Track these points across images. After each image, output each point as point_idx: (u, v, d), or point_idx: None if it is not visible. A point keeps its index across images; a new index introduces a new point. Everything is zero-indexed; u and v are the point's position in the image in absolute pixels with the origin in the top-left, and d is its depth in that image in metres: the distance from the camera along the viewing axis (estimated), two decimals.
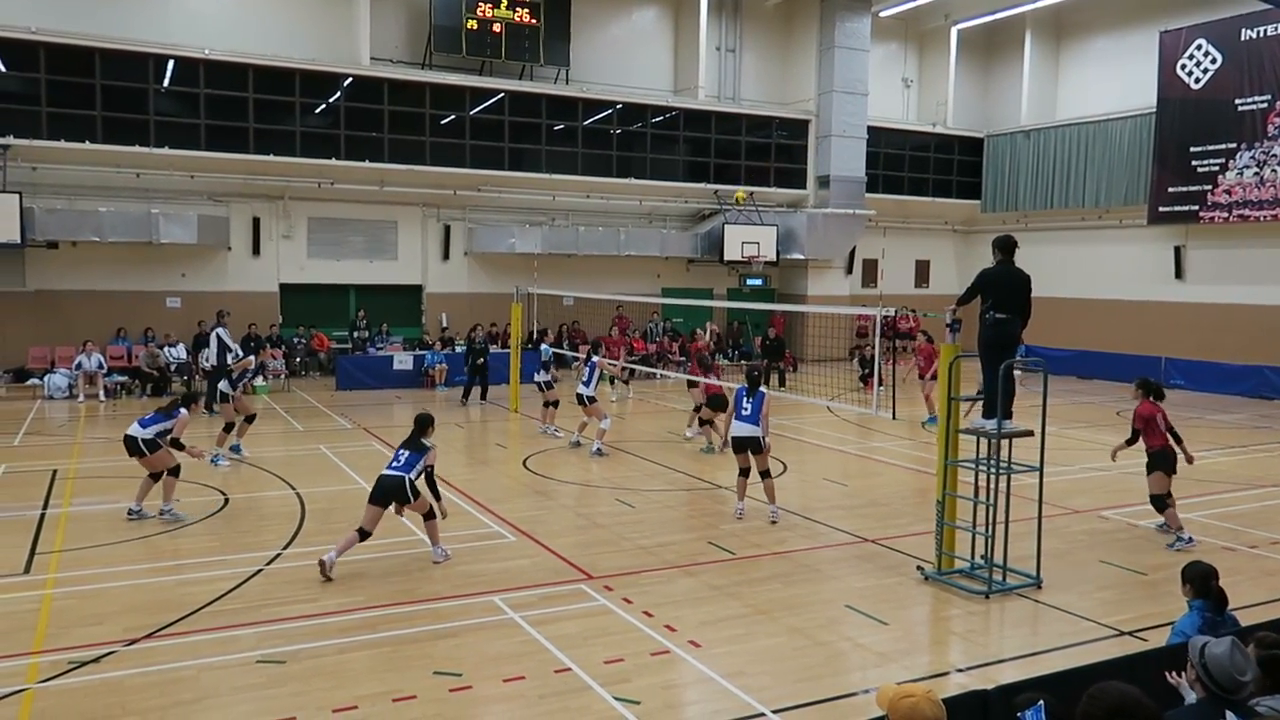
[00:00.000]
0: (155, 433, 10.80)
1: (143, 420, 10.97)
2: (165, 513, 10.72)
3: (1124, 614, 8.20)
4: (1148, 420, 10.54)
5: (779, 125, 29.09)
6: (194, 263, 23.35)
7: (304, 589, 8.50)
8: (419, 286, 26.14)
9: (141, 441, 10.69)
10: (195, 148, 21.85)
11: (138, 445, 10.69)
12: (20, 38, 20.13)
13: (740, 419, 11.01)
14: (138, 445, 10.69)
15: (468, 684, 6.62)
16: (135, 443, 10.70)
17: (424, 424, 9.54)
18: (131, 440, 10.73)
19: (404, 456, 9.25)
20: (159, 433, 10.82)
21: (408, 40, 25.02)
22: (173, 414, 10.99)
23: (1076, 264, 28.80)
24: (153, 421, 10.88)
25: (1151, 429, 10.51)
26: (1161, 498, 10.51)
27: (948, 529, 9.07)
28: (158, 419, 10.93)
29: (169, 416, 10.95)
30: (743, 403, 11.03)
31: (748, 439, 10.93)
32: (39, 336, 21.70)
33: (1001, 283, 8.82)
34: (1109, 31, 29.62)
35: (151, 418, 10.99)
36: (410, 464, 9.19)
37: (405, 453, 9.29)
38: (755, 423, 10.89)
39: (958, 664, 7.25)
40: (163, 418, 10.94)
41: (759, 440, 10.92)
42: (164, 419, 10.92)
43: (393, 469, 9.18)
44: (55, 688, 6.49)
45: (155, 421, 10.89)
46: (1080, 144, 28.79)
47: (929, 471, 12.90)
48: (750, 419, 10.92)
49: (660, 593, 8.54)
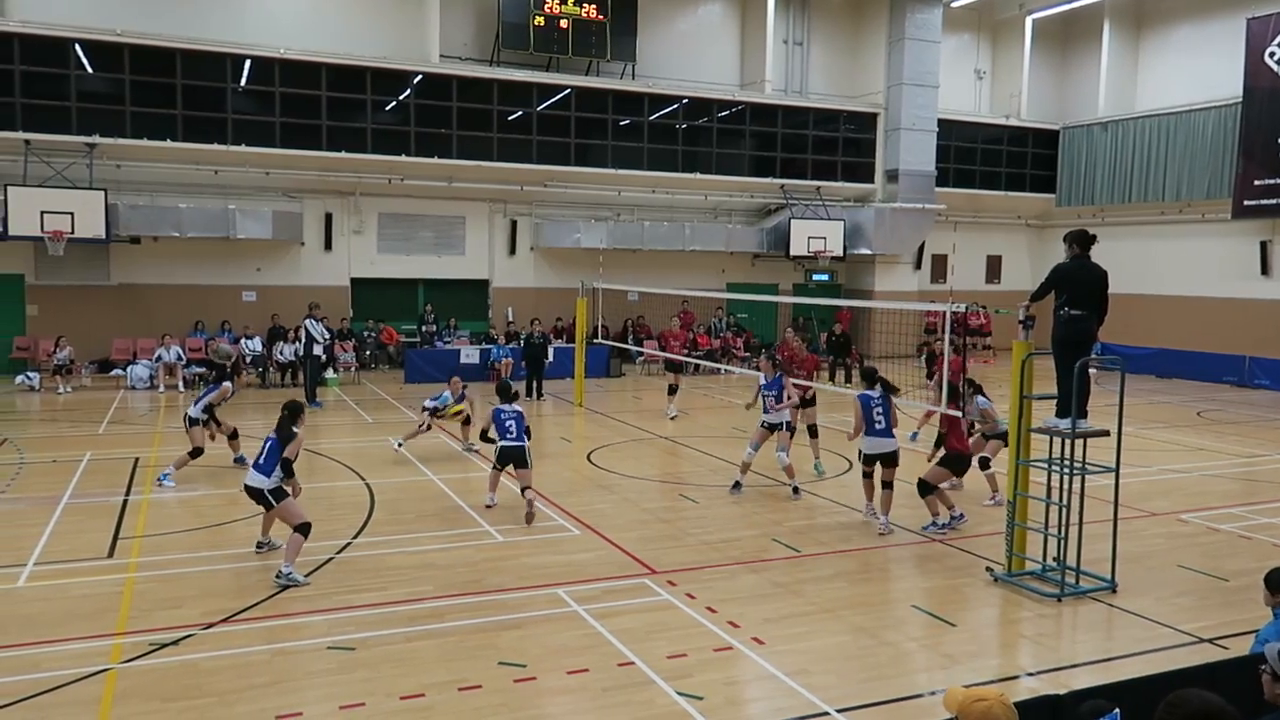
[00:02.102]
0: (202, 407, 12.14)
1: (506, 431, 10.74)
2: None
3: (1203, 620, 7.94)
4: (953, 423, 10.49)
5: (847, 118, 28.75)
6: (268, 257, 23.94)
7: (373, 577, 8.66)
8: (486, 281, 26.44)
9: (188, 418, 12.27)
10: (270, 145, 22.39)
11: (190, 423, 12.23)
12: (106, 39, 20.85)
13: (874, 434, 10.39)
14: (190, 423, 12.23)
15: (532, 675, 6.68)
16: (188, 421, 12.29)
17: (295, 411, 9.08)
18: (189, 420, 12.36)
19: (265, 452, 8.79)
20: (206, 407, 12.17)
21: (476, 37, 25.29)
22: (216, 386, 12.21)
23: (1156, 259, 27.95)
24: (204, 396, 12.57)
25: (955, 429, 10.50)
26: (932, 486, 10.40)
27: (1019, 530, 8.88)
28: (208, 391, 12.33)
29: (215, 388, 12.23)
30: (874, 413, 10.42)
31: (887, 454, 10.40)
32: (122, 328, 22.50)
33: (1077, 278, 8.59)
34: (1192, 19, 28.65)
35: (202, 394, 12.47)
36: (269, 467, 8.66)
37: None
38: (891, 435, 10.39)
39: (1028, 668, 7.09)
40: (213, 388, 12.19)
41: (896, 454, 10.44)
42: (212, 390, 12.30)
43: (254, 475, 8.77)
44: (137, 668, 6.72)
45: (205, 396, 12.39)
46: (1161, 135, 27.93)
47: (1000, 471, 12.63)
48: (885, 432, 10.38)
49: (723, 589, 8.52)
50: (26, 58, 20.35)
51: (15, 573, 8.64)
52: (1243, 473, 14.19)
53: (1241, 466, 14.63)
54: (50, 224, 19.89)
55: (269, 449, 8.80)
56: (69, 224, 20.04)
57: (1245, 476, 13.96)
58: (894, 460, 10.42)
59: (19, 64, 20.25)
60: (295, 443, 8.81)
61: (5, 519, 10.45)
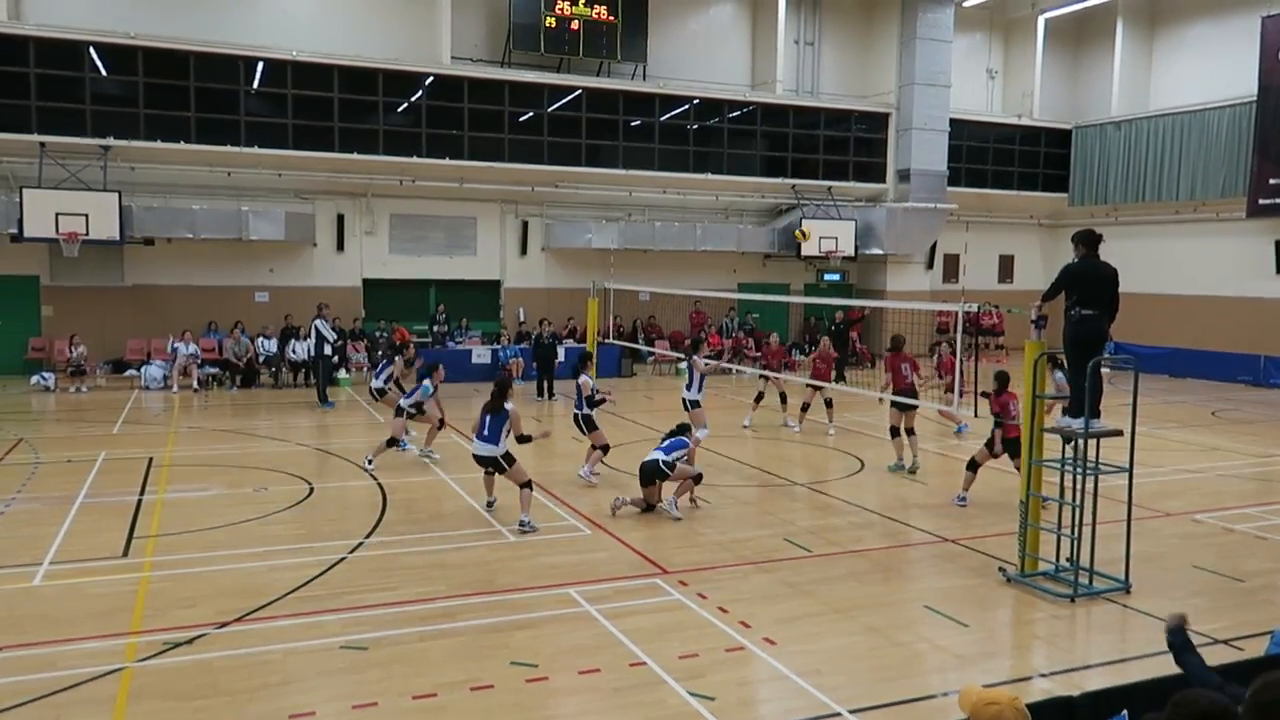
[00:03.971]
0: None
1: (485, 438, 10.46)
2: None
3: (1218, 621, 7.89)
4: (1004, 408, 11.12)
5: (858, 118, 28.68)
6: (281, 258, 24.04)
7: (386, 577, 8.69)
8: (497, 281, 26.49)
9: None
10: (283, 147, 22.48)
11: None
12: (120, 42, 20.97)
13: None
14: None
15: (544, 675, 6.69)
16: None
17: (504, 386, 10.44)
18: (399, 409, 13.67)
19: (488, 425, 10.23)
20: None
21: (487, 39, 25.35)
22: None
23: (1170, 258, 27.80)
24: (411, 395, 13.64)
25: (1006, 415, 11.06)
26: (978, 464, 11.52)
27: (1032, 530, 8.84)
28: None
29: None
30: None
31: None
32: (136, 329, 22.64)
33: (1087, 277, 8.56)
34: (1206, 18, 28.49)
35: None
36: (494, 437, 10.17)
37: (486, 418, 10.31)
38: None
39: (1041, 669, 7.06)
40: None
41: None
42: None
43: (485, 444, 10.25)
44: (151, 667, 6.76)
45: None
46: (1175, 135, 27.78)
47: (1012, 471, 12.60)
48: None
49: (735, 589, 8.51)
50: (41, 61, 20.48)
51: (31, 572, 8.70)
52: (1258, 472, 14.10)
53: (1257, 466, 14.54)
54: (65, 226, 20.01)
55: (489, 422, 10.19)
56: (84, 226, 20.16)
57: (1261, 476, 13.87)
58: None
59: (34, 67, 20.38)
60: (514, 418, 10.21)
61: (21, 519, 10.52)
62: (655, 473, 10.85)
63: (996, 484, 12.90)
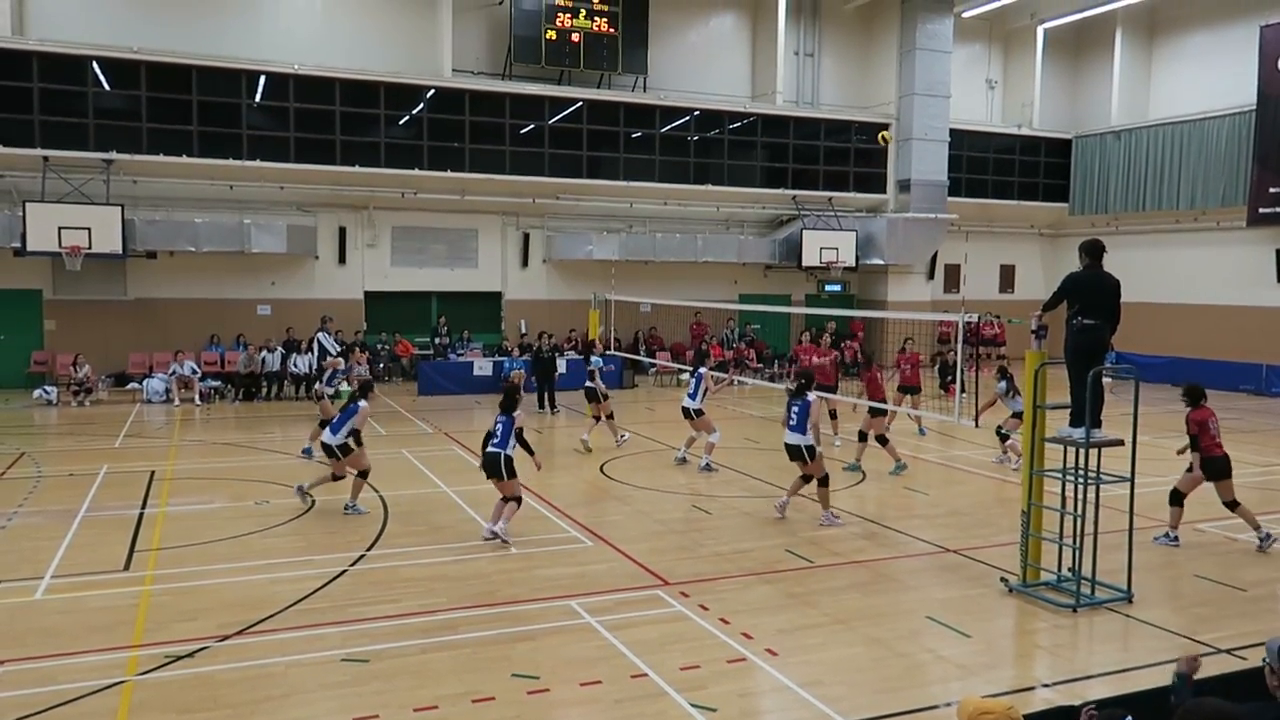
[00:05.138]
0: (346, 434, 11.23)
1: (332, 426, 11.35)
2: (349, 508, 11.32)
3: (1221, 631, 7.88)
4: (1201, 425, 10.34)
5: (858, 129, 28.75)
6: (283, 271, 24.09)
7: (387, 590, 8.69)
8: (499, 293, 26.53)
9: (336, 448, 11.24)
10: (285, 160, 22.56)
11: (333, 451, 11.30)
12: (123, 57, 21.08)
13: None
14: (333, 451, 11.30)
15: (545, 687, 6.69)
16: (331, 449, 11.32)
17: (511, 394, 10.52)
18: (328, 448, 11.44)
19: (499, 430, 10.21)
20: (349, 433, 11.23)
21: (488, 52, 25.46)
22: (350, 410, 11.35)
23: (1170, 268, 27.83)
24: (340, 424, 11.35)
25: (1204, 434, 10.34)
26: (1234, 501, 10.33)
27: (1033, 540, 8.84)
28: (343, 420, 11.28)
29: (350, 414, 11.29)
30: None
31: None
32: (139, 343, 22.67)
33: (1090, 287, 8.58)
34: (1205, 27, 28.60)
35: (338, 421, 11.36)
36: (504, 438, 10.13)
37: (499, 426, 10.24)
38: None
39: (1043, 679, 7.05)
40: (346, 417, 11.28)
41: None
42: (347, 418, 11.26)
43: (494, 446, 10.15)
44: (153, 680, 6.75)
45: (342, 423, 11.26)
46: (1174, 144, 27.84)
47: (1013, 481, 12.60)
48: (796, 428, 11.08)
49: (737, 600, 8.50)
50: (45, 75, 20.59)
51: (33, 585, 8.71)
52: (1260, 482, 14.07)
53: (1259, 475, 14.51)
54: (68, 239, 20.08)
55: (502, 427, 10.17)
56: (86, 239, 20.23)
57: (1263, 485, 13.84)
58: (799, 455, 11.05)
59: (37, 82, 20.49)
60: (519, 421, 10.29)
61: (23, 532, 10.53)
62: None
63: (996, 493, 12.90)
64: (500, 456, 10.08)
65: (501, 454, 10.08)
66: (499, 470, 10.11)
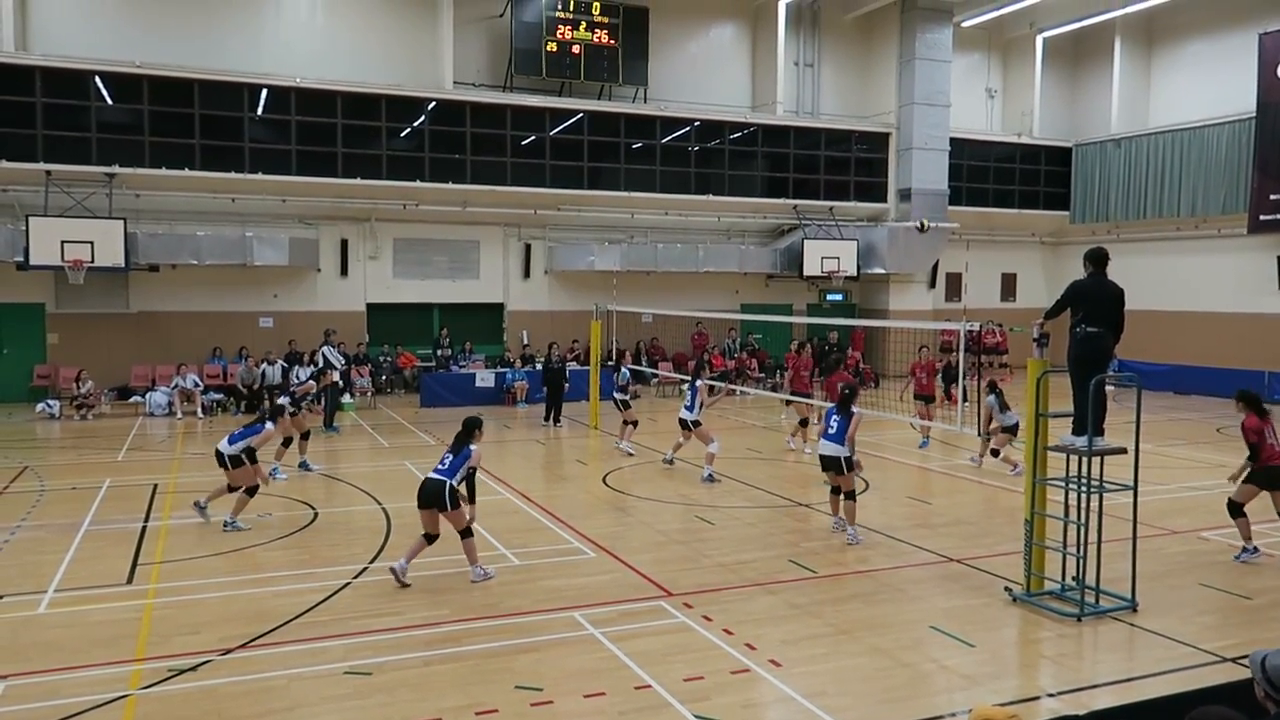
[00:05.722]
0: (241, 448, 11.33)
1: (231, 436, 11.50)
2: (229, 525, 11.12)
3: (1226, 639, 7.86)
4: (1259, 434, 10.07)
5: (859, 139, 28.82)
6: (285, 284, 24.13)
7: (390, 602, 8.68)
8: (500, 305, 26.55)
9: (228, 457, 11.28)
10: (287, 173, 22.62)
11: (224, 460, 11.31)
12: (125, 71, 21.17)
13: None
14: (224, 460, 11.31)
15: (549, 699, 6.67)
16: (222, 457, 11.34)
17: (471, 427, 9.49)
18: (220, 455, 11.36)
19: (448, 460, 9.28)
20: (244, 449, 11.33)
21: (489, 64, 25.55)
22: (256, 428, 11.52)
23: (1171, 275, 27.84)
24: (240, 437, 11.38)
25: (1262, 443, 10.06)
26: (1240, 505, 10.19)
27: (1037, 549, 8.81)
28: (245, 434, 11.45)
29: (253, 431, 11.46)
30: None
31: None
32: (141, 355, 22.69)
33: (1093, 295, 8.58)
34: (1204, 35, 28.67)
35: (239, 433, 11.51)
36: (454, 469, 9.19)
37: (450, 456, 9.30)
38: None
39: (1048, 688, 7.03)
40: (248, 433, 11.46)
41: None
42: (249, 434, 11.43)
43: (436, 473, 9.23)
44: (156, 694, 6.74)
45: (242, 437, 11.41)
46: (1175, 151, 27.89)
47: (1016, 490, 12.57)
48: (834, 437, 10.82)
49: (740, 610, 8.49)
50: (47, 90, 20.68)
51: (36, 599, 8.71)
52: None
53: None
54: (70, 253, 20.12)
55: (453, 459, 9.25)
56: (89, 253, 20.27)
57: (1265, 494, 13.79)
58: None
59: (40, 96, 20.58)
60: (476, 457, 9.36)
61: (26, 546, 10.52)
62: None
63: (999, 502, 12.87)
64: (445, 485, 9.08)
65: (446, 483, 9.09)
66: (441, 500, 9.05)
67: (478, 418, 9.66)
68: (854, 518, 10.90)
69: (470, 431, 9.44)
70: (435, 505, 9.13)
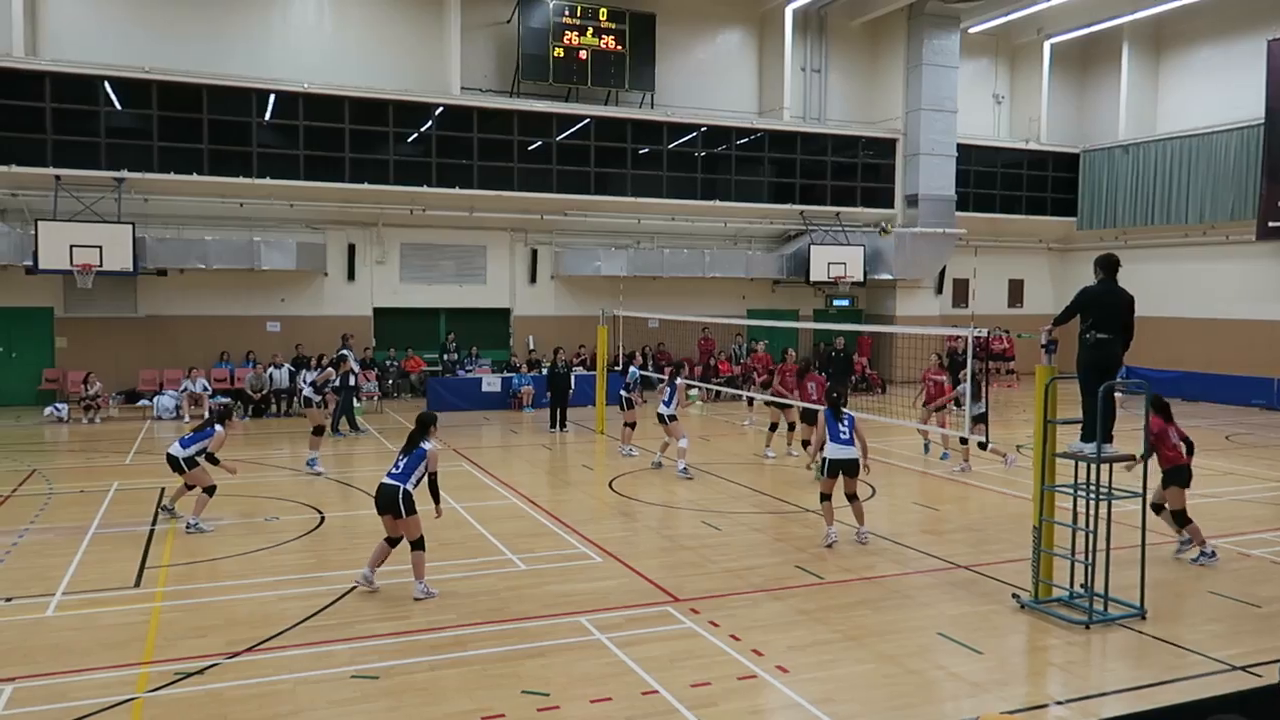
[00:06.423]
0: (195, 451, 11.48)
1: (183, 439, 11.64)
2: (191, 527, 11.21)
3: (1236, 648, 7.82)
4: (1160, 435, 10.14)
5: (865, 144, 28.81)
6: (293, 288, 24.19)
7: (396, 606, 8.68)
8: (507, 309, 26.58)
9: (181, 460, 11.43)
10: (294, 178, 22.69)
11: (178, 463, 11.46)
12: (134, 76, 21.26)
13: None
14: (178, 463, 11.46)
15: (555, 704, 6.66)
16: (175, 461, 11.48)
17: (425, 424, 9.20)
18: (172, 458, 11.50)
19: (401, 463, 9.00)
20: (198, 451, 11.48)
21: (497, 69, 25.61)
22: (207, 432, 11.60)
23: (1180, 282, 27.78)
24: (191, 441, 11.53)
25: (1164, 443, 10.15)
26: (1183, 513, 10.22)
27: (1045, 556, 8.78)
28: (196, 438, 11.58)
29: (204, 435, 11.56)
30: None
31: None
32: (149, 359, 22.77)
33: (1103, 301, 8.57)
34: (1213, 42, 28.63)
35: (190, 437, 11.65)
36: (408, 472, 8.91)
37: (403, 459, 9.02)
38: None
39: (1057, 696, 7.00)
40: (200, 436, 11.58)
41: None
42: (201, 438, 11.55)
43: (390, 477, 8.95)
44: (163, 697, 6.75)
45: (194, 441, 11.55)
46: (1183, 158, 27.83)
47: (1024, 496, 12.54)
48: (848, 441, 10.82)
49: (747, 616, 8.47)
50: (57, 95, 20.77)
51: (44, 602, 8.72)
52: (1274, 497, 14.00)
53: (1273, 490, 14.44)
54: (79, 257, 20.20)
55: (407, 461, 8.98)
56: (98, 257, 20.35)
57: (1276, 500, 13.76)
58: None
59: (50, 101, 20.67)
60: (431, 456, 9.06)
61: (34, 549, 10.55)
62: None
63: (1007, 509, 12.83)
64: (399, 490, 8.81)
65: (400, 488, 8.82)
66: (396, 506, 8.80)
67: (432, 413, 9.47)
68: (863, 518, 11.06)
69: (425, 428, 9.15)
70: (390, 511, 8.88)
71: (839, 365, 22.93)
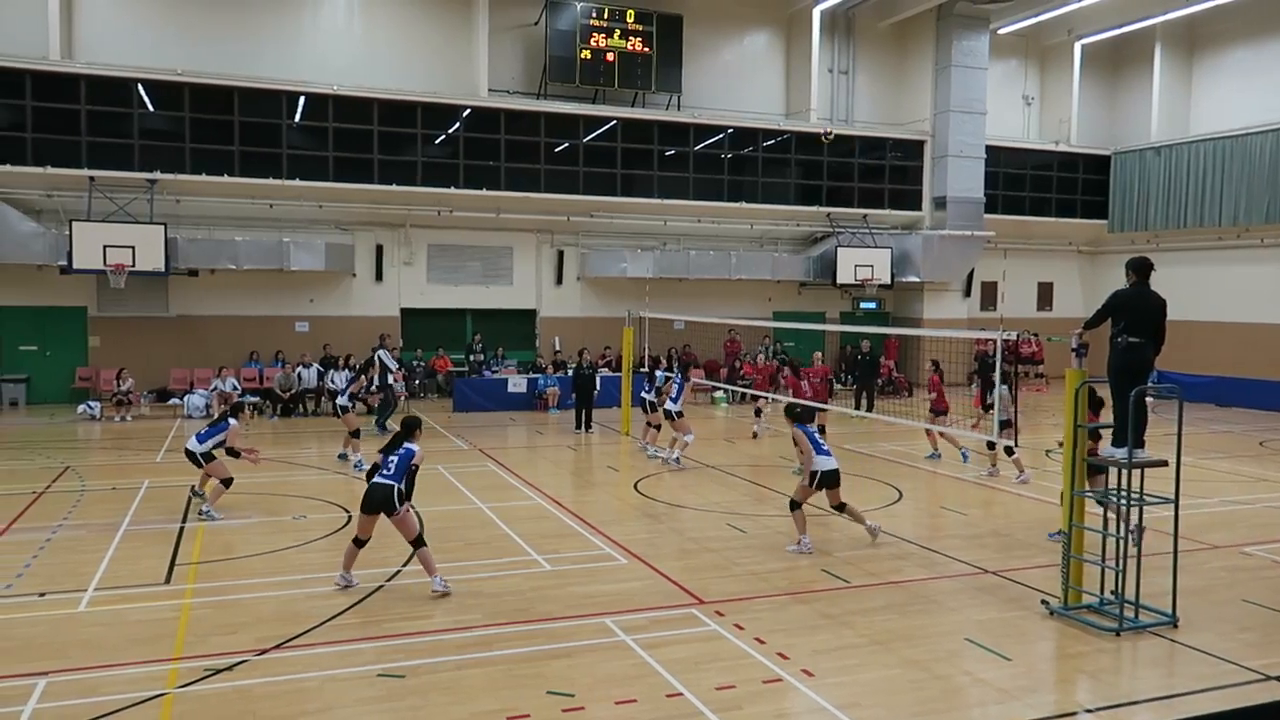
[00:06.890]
0: (211, 445, 11.98)
1: (199, 435, 12.13)
2: (204, 512, 11.76)
3: (1270, 657, 7.69)
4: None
5: (893, 146, 28.66)
6: (321, 288, 24.39)
7: (422, 605, 8.72)
8: (533, 311, 26.66)
9: (199, 454, 11.93)
10: (324, 179, 22.89)
11: (196, 457, 11.95)
12: (167, 79, 21.54)
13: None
14: (196, 457, 11.95)
15: (580, 705, 6.66)
16: (193, 455, 11.97)
17: (410, 427, 9.34)
18: (190, 453, 12.01)
19: (391, 464, 9.08)
20: (214, 445, 11.98)
21: (524, 71, 25.70)
22: (221, 426, 12.10)
23: (1213, 285, 27.41)
24: (207, 435, 12.04)
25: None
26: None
27: (1075, 562, 8.68)
28: (212, 432, 12.08)
29: (219, 429, 12.07)
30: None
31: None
32: (180, 359, 23.04)
33: (1135, 305, 8.48)
34: (1246, 42, 28.24)
35: (206, 432, 12.14)
36: (399, 471, 9.01)
37: (392, 460, 9.10)
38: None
39: (1086, 704, 6.92)
40: (215, 431, 12.08)
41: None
42: (216, 432, 12.05)
43: (382, 477, 9.03)
44: (192, 693, 6.82)
45: (209, 435, 12.04)
46: (1216, 160, 27.45)
47: (1053, 502, 12.42)
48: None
49: (772, 619, 8.44)
50: (92, 98, 21.08)
51: (76, 598, 8.84)
52: None
53: None
54: (112, 258, 20.48)
55: (398, 459, 9.09)
56: (130, 257, 20.62)
57: None
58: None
59: (84, 104, 20.98)
60: (418, 456, 9.23)
61: (67, 545, 10.69)
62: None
63: (1036, 514, 12.71)
64: (393, 489, 8.92)
65: (395, 486, 8.93)
66: (390, 504, 8.90)
67: (417, 418, 9.58)
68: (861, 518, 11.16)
69: (410, 431, 9.32)
70: (383, 510, 8.95)
71: (864, 368, 22.86)
